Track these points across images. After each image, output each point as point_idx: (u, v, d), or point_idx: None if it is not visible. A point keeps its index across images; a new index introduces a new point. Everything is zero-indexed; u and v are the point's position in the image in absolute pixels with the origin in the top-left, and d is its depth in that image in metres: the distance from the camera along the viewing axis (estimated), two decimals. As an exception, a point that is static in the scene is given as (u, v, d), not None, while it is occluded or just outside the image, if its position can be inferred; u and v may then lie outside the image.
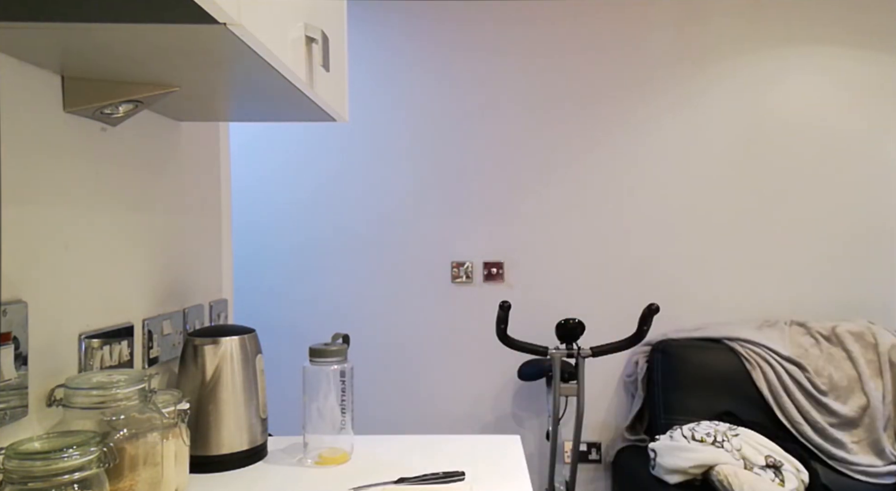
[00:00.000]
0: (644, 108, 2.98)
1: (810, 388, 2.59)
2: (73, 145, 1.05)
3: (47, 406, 0.95)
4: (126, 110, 1.08)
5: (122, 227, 1.19)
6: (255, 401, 1.27)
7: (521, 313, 2.96)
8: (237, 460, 1.23)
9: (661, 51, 2.97)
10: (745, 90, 2.97)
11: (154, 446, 0.93)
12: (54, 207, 1.00)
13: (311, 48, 1.08)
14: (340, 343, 1.30)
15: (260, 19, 0.83)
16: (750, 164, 2.96)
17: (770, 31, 2.96)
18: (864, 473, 2.48)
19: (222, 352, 1.24)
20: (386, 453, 1.29)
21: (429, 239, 3.02)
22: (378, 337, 3.01)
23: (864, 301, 2.95)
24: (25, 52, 0.90)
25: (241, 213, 2.98)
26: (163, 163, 1.36)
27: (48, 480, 0.73)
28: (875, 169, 2.97)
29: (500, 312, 2.38)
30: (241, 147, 3.00)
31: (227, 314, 1.69)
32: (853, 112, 2.96)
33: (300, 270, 3.03)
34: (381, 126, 3.01)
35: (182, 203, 1.45)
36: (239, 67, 0.96)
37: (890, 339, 2.65)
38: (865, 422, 2.56)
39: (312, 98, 1.15)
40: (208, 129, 1.61)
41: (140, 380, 0.94)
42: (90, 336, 1.06)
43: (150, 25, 0.76)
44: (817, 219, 2.98)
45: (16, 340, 0.89)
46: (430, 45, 3.01)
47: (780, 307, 2.94)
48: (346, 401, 1.28)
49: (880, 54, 2.95)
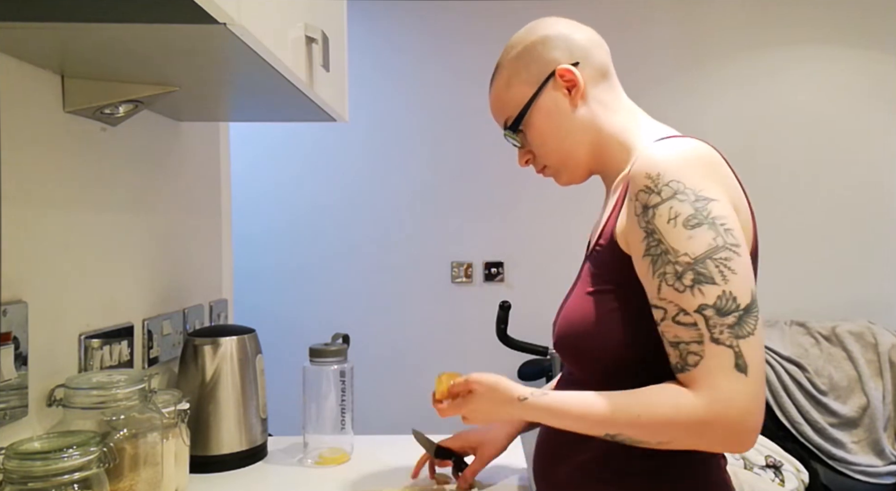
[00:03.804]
0: (643, 107, 2.97)
1: (810, 388, 2.58)
2: (73, 145, 1.05)
3: (47, 406, 0.95)
4: (126, 110, 1.08)
5: (122, 227, 1.19)
6: (255, 401, 1.27)
7: (521, 313, 2.96)
8: (237, 460, 1.23)
9: (660, 50, 2.97)
10: (744, 89, 2.97)
11: (154, 446, 0.93)
12: (54, 207, 1.00)
13: (311, 48, 1.08)
14: (340, 343, 1.30)
15: (260, 19, 0.83)
16: (749, 164, 2.96)
17: (770, 31, 2.96)
18: (864, 473, 2.48)
19: (222, 352, 1.24)
20: (386, 453, 1.29)
21: (429, 239, 3.02)
22: (378, 337, 3.01)
23: (864, 301, 2.95)
24: (25, 52, 0.90)
25: (241, 214, 2.98)
26: (163, 163, 1.36)
27: (48, 480, 0.73)
28: (875, 169, 2.96)
29: (500, 312, 2.38)
30: (241, 147, 3.00)
31: (227, 314, 1.69)
32: (853, 112, 2.96)
33: (300, 270, 3.03)
34: (382, 126, 3.00)
35: (182, 203, 1.45)
36: (239, 67, 0.96)
37: (890, 339, 2.65)
38: (865, 422, 2.56)
39: (312, 98, 1.15)
40: (208, 129, 1.61)
41: (140, 380, 0.94)
42: (90, 336, 1.06)
43: (150, 25, 0.76)
44: (817, 219, 2.97)
45: (16, 340, 0.89)
46: (431, 45, 3.01)
47: (780, 307, 2.94)
48: (346, 401, 1.27)
49: (880, 54, 2.95)
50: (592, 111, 0.93)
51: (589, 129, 0.93)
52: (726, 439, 0.74)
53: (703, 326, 0.73)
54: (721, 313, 0.73)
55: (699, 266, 0.74)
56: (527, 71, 0.94)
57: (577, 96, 0.92)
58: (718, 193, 0.77)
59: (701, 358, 0.73)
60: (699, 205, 0.75)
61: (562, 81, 0.92)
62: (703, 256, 0.74)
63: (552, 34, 0.95)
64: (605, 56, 0.97)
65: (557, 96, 0.93)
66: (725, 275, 0.73)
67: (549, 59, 0.93)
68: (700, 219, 0.75)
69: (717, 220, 0.75)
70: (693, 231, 0.74)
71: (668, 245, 0.75)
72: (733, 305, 0.73)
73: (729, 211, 0.77)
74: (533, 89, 0.94)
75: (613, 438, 0.78)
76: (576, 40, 0.94)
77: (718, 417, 0.72)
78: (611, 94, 0.95)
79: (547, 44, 0.94)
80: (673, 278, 0.75)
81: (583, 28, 0.97)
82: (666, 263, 0.75)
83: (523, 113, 0.94)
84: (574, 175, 0.97)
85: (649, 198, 0.77)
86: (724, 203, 0.77)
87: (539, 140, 0.95)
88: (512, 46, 0.98)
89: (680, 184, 0.76)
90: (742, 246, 0.76)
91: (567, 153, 0.95)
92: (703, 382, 0.73)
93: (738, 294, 0.73)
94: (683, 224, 0.75)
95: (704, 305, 0.73)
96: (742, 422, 0.72)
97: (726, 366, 0.72)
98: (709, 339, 0.73)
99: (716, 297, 0.73)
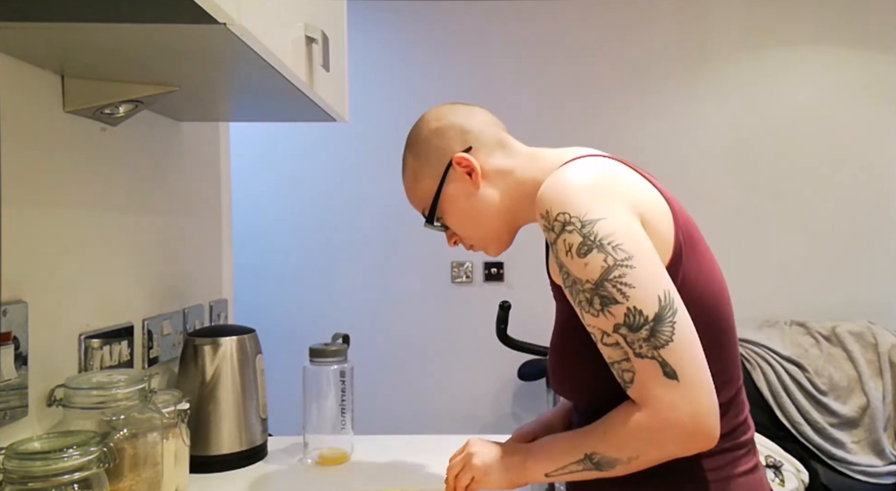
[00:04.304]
0: (643, 107, 2.98)
1: (810, 388, 2.58)
2: (73, 145, 1.05)
3: (47, 406, 0.95)
4: (126, 110, 1.08)
5: (122, 227, 1.19)
6: (255, 401, 1.27)
7: (521, 313, 2.96)
8: (237, 460, 1.23)
9: (660, 50, 2.97)
10: (744, 89, 2.97)
11: (154, 446, 0.93)
12: (54, 207, 1.00)
13: (311, 48, 1.08)
14: (340, 343, 1.30)
15: (260, 19, 0.83)
16: (749, 164, 2.96)
17: (770, 32, 2.96)
18: (864, 473, 2.48)
19: (222, 352, 1.24)
20: (386, 453, 1.29)
21: (429, 239, 3.02)
22: (378, 337, 3.01)
23: (864, 301, 2.95)
24: (25, 52, 0.90)
25: (241, 214, 2.98)
26: (163, 163, 1.36)
27: (48, 480, 0.73)
28: (875, 169, 2.96)
29: (500, 312, 2.38)
30: (241, 148, 3.00)
31: (227, 314, 1.69)
32: (853, 112, 2.96)
33: (300, 270, 3.03)
34: (382, 126, 3.00)
35: (182, 203, 1.45)
36: (239, 67, 0.96)
37: (890, 339, 2.65)
38: (865, 422, 2.56)
39: (312, 98, 1.15)
40: (208, 129, 1.61)
41: (140, 380, 0.94)
42: (90, 336, 1.06)
43: (150, 25, 0.76)
44: (817, 219, 2.97)
45: (16, 340, 0.89)
46: (430, 44, 3.01)
47: (780, 307, 2.94)
48: (346, 401, 1.27)
49: (880, 54, 2.95)
50: (496, 185, 0.97)
51: (498, 201, 0.97)
52: (684, 443, 0.75)
53: (623, 344, 0.75)
54: (633, 329, 0.74)
55: (600, 290, 0.76)
56: (427, 164, 0.99)
57: (478, 178, 0.96)
58: (604, 210, 0.78)
59: (634, 373, 0.75)
60: (586, 231, 0.77)
61: (460, 169, 0.96)
62: (601, 279, 0.76)
63: (443, 125, 0.98)
64: (495, 128, 1.00)
65: (461, 183, 0.97)
66: (624, 292, 0.75)
67: (446, 149, 0.97)
68: (588, 244, 0.76)
69: (604, 241, 0.76)
70: (586, 258, 0.76)
71: (574, 276, 0.78)
72: (641, 319, 0.74)
73: (617, 225, 0.77)
74: (437, 181, 0.98)
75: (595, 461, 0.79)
76: (465, 126, 0.98)
77: (666, 424, 0.74)
78: (509, 158, 0.98)
79: (440, 135, 0.98)
80: (587, 305, 0.77)
81: (471, 110, 1.01)
82: (578, 292, 0.78)
83: (434, 205, 0.98)
84: (501, 244, 1.01)
85: (548, 235, 0.81)
86: (613, 218, 0.77)
87: (457, 224, 1.00)
88: (410, 142, 1.03)
89: (565, 214, 0.78)
90: (636, 256, 0.76)
91: (486, 229, 0.99)
92: (644, 396, 0.75)
93: (643, 306, 0.74)
94: (577, 253, 0.77)
95: (618, 324, 0.75)
96: (693, 423, 0.73)
97: (656, 376, 0.74)
98: (633, 354, 0.75)
99: (623, 315, 0.75)
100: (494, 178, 0.97)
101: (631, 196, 0.81)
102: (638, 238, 0.77)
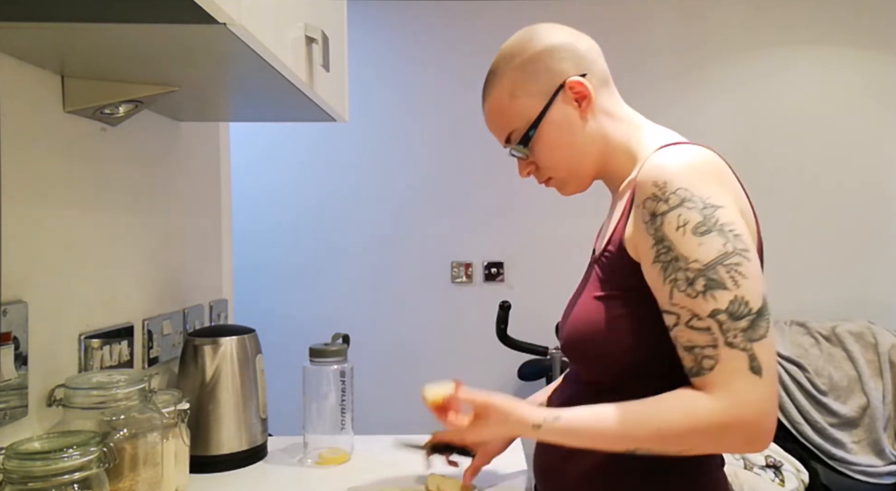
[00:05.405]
0: (643, 106, 2.96)
1: (810, 388, 2.58)
2: (73, 145, 1.05)
3: (47, 406, 0.95)
4: (126, 110, 1.08)
5: (122, 227, 1.19)
6: (255, 401, 1.27)
7: (521, 313, 2.96)
8: (237, 460, 1.23)
9: (660, 50, 2.97)
10: (744, 89, 2.97)
11: (154, 446, 0.93)
12: (54, 207, 1.00)
13: (311, 48, 1.08)
14: (340, 343, 1.30)
15: (260, 19, 0.83)
16: (749, 163, 2.96)
17: (770, 31, 2.96)
18: (864, 473, 2.48)
19: (222, 352, 1.24)
20: (386, 453, 1.29)
21: (429, 239, 3.02)
22: (378, 337, 3.01)
23: (864, 301, 2.95)
24: (25, 52, 0.90)
25: (241, 214, 2.98)
26: (163, 163, 1.36)
27: (48, 480, 0.73)
28: (875, 169, 2.96)
29: (500, 312, 2.38)
30: (241, 147, 3.00)
31: (227, 314, 1.69)
32: (853, 112, 2.96)
33: (300, 270, 3.03)
34: (382, 126, 3.00)
35: (182, 203, 1.45)
36: (239, 67, 0.96)
37: (890, 339, 2.65)
38: (865, 422, 2.56)
39: (312, 98, 1.15)
40: (208, 129, 1.61)
41: (140, 380, 0.94)
42: (90, 336, 1.06)
43: (150, 25, 0.76)
44: (817, 219, 2.97)
45: (16, 340, 0.89)
46: (431, 44, 3.01)
47: (780, 307, 2.93)
48: (346, 401, 1.27)
49: (880, 54, 2.95)
50: (600, 122, 0.93)
51: (597, 140, 0.93)
52: (745, 441, 0.75)
53: (716, 331, 0.74)
54: (734, 318, 0.74)
55: (710, 272, 0.75)
56: (534, 83, 0.92)
57: (587, 108, 0.92)
58: (725, 200, 0.78)
59: (716, 362, 0.74)
60: (707, 212, 0.76)
61: (571, 94, 0.91)
62: (714, 263, 0.75)
63: (557, 44, 0.92)
64: (605, 64, 0.96)
65: (567, 109, 0.92)
66: (737, 280, 0.74)
67: (558, 70, 0.91)
68: (709, 226, 0.76)
69: (725, 227, 0.76)
70: (703, 238, 0.75)
71: (678, 252, 0.76)
72: (745, 310, 0.74)
73: (736, 217, 0.78)
74: (542, 102, 0.91)
75: (633, 452, 0.78)
76: (581, 50, 0.93)
77: (737, 420, 0.73)
78: (613, 103, 0.96)
79: (553, 54, 0.92)
80: (685, 284, 0.76)
81: (584, 37, 0.96)
82: (677, 269, 0.76)
83: (534, 126, 0.92)
84: (581, 185, 0.97)
85: (657, 206, 0.78)
86: (732, 209, 0.78)
87: (548, 153, 0.94)
88: (512, 55, 0.94)
89: (687, 191, 0.77)
90: (751, 251, 0.77)
91: (576, 165, 0.95)
92: (720, 386, 0.74)
93: (750, 298, 0.74)
94: (693, 231, 0.76)
95: (717, 310, 0.74)
96: (759, 423, 0.73)
97: (742, 369, 0.73)
98: (723, 343, 0.74)
99: (728, 302, 0.74)
100: (599, 116, 0.93)
101: (739, 198, 0.82)
102: (748, 236, 0.78)
